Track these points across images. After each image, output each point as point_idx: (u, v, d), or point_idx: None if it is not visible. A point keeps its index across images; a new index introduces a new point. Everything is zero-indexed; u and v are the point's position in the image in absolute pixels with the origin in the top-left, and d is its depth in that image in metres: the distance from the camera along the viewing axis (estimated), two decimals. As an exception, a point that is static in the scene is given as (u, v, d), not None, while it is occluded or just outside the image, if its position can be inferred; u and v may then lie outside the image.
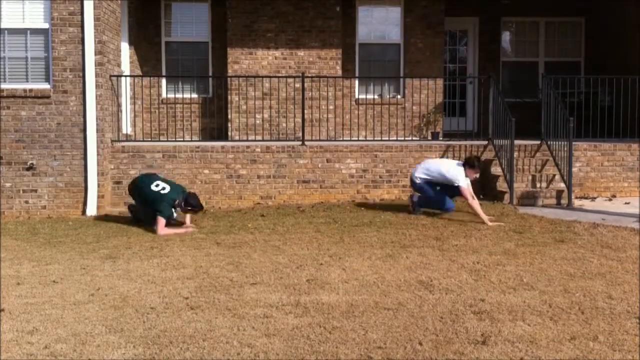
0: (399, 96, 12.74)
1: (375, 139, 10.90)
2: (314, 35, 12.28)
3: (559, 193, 9.44)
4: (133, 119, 11.99)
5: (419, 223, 8.20)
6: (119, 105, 10.55)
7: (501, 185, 9.67)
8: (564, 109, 9.82)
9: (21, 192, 9.61)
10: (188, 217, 8.43)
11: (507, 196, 9.46)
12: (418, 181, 8.85)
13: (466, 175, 8.58)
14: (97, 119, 9.57)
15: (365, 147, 10.28)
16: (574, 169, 9.83)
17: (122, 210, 9.43)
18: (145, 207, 8.33)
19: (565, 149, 9.56)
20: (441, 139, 11.76)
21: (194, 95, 12.84)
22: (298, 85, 11.35)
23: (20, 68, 9.69)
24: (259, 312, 4.88)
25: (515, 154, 9.88)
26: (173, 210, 8.22)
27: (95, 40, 9.51)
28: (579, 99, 12.29)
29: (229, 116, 12.20)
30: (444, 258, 6.43)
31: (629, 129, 10.87)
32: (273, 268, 6.20)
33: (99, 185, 9.56)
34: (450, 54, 14.38)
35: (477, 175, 8.86)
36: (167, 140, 10.71)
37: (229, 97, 12.19)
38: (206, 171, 9.99)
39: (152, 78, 12.28)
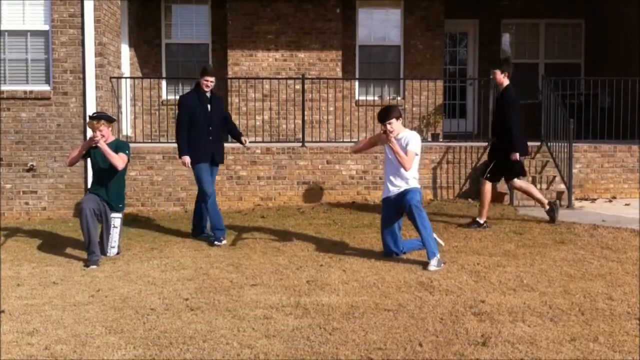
0: (399, 98, 12.75)
1: (376, 140, 10.88)
2: (314, 37, 12.29)
3: (559, 194, 9.43)
4: (133, 120, 11.99)
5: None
6: (119, 106, 10.55)
7: (501, 186, 9.66)
8: (564, 110, 9.82)
9: (21, 193, 9.61)
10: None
11: (507, 197, 9.46)
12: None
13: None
14: (97, 120, 9.57)
15: (365, 149, 10.26)
16: (574, 171, 9.83)
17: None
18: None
19: (566, 150, 9.56)
20: (441, 140, 11.74)
21: (194, 97, 12.82)
22: (298, 86, 11.35)
23: (20, 70, 9.69)
24: (259, 313, 4.88)
25: (516, 156, 9.86)
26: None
27: (95, 42, 9.52)
28: (579, 100, 12.29)
29: (229, 118, 12.18)
30: (444, 259, 6.43)
31: (629, 131, 10.86)
32: (273, 269, 6.20)
33: (99, 187, 9.54)
34: (450, 56, 14.38)
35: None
36: (167, 142, 10.70)
37: (229, 98, 12.18)
38: (206, 173, 9.96)
39: (152, 80, 12.26)
